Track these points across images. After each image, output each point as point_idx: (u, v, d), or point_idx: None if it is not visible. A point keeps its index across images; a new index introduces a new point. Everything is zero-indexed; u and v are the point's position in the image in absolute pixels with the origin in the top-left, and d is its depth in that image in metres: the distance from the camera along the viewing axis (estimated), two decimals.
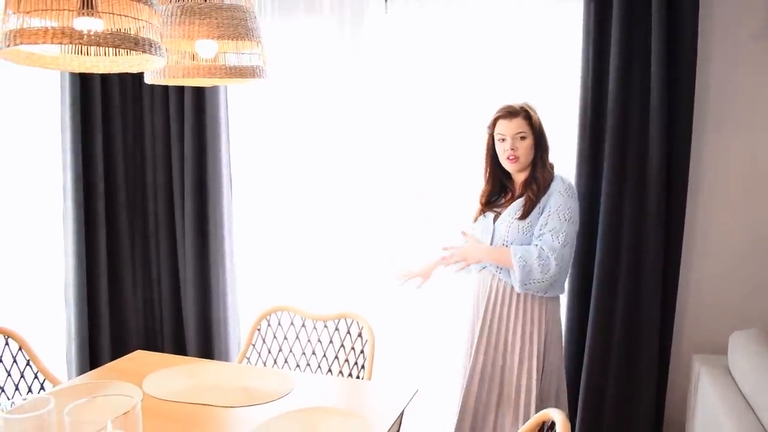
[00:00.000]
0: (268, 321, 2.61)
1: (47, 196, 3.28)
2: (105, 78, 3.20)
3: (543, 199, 2.37)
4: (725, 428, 2.04)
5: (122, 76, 3.26)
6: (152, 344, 3.53)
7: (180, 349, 3.44)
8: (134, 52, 1.61)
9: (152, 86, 3.34)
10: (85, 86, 3.16)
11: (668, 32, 2.56)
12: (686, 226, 2.69)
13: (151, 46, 1.61)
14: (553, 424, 1.56)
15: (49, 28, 1.48)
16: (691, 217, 2.72)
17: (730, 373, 2.42)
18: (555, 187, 2.38)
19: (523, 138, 2.39)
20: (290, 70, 3.31)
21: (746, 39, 2.62)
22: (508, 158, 2.42)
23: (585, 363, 2.78)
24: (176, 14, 1.94)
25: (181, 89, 3.26)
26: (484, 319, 2.47)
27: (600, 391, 2.78)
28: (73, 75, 3.10)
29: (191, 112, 3.25)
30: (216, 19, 1.94)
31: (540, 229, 2.35)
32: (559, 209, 2.33)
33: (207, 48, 2.02)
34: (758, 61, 2.62)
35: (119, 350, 3.28)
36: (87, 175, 3.19)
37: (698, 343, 2.79)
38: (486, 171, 2.53)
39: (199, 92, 3.23)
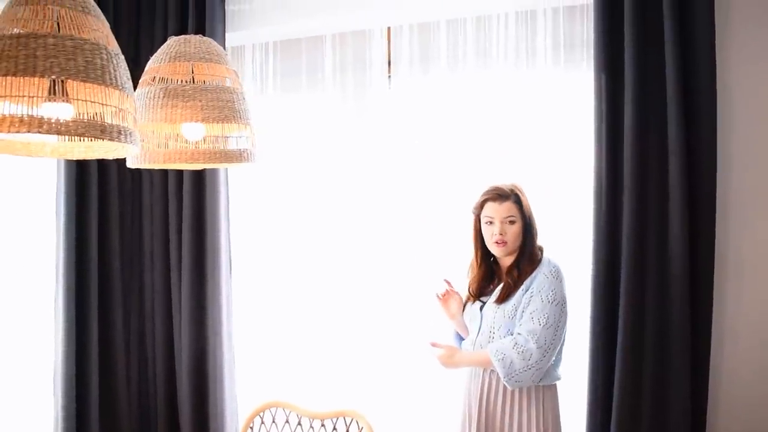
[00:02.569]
0: (262, 418, 2.41)
1: (39, 278, 3.15)
2: None
3: (527, 281, 2.29)
4: None
5: None
6: None
7: None
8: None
9: None
10: (81, 162, 3.05)
11: (685, 100, 2.43)
12: (714, 311, 2.47)
13: (120, 133, 1.48)
14: None
15: (7, 115, 1.36)
16: (719, 301, 2.50)
17: None
18: (541, 268, 2.31)
19: (512, 222, 2.31)
20: (293, 145, 3.22)
21: None
22: (495, 242, 2.33)
23: None
24: (159, 97, 1.83)
25: None
26: (479, 413, 2.33)
27: None
28: None
29: (190, 187, 3.13)
30: (200, 101, 1.83)
31: (522, 311, 2.26)
32: (542, 290, 2.25)
33: (193, 131, 1.91)
34: None
35: None
36: (80, 254, 3.05)
37: None
38: (475, 255, 2.44)
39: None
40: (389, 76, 3.01)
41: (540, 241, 2.40)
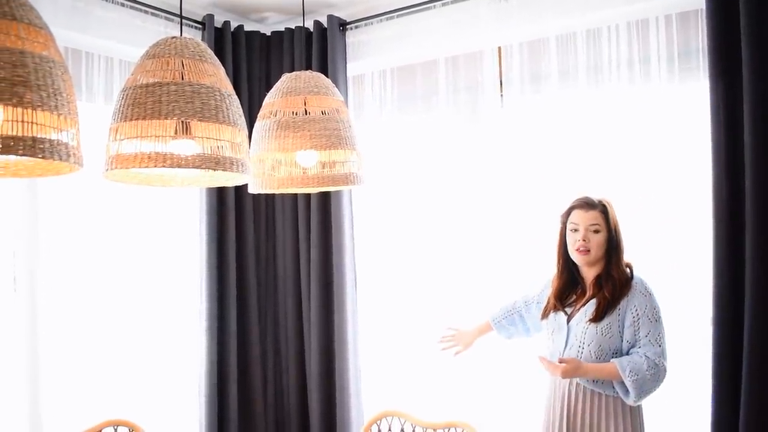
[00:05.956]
0: (379, 426, 2.53)
1: (187, 295, 3.47)
2: None
3: (623, 302, 2.28)
4: None
5: None
6: None
7: None
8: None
9: None
10: (220, 189, 3.35)
11: None
12: None
13: (233, 164, 1.68)
14: None
15: (138, 153, 1.60)
16: None
17: None
18: (635, 287, 2.30)
19: (596, 231, 2.32)
20: (411, 164, 3.37)
21: None
22: (578, 249, 2.33)
23: None
24: (272, 128, 2.03)
25: None
26: (561, 426, 2.31)
27: None
28: None
29: (317, 209, 3.36)
30: (309, 131, 2.01)
31: (635, 335, 2.27)
32: (647, 311, 2.27)
33: (307, 158, 2.09)
34: None
35: None
36: (220, 275, 3.35)
37: None
38: (558, 263, 2.45)
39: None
40: (501, 96, 3.07)
41: (628, 258, 2.38)
